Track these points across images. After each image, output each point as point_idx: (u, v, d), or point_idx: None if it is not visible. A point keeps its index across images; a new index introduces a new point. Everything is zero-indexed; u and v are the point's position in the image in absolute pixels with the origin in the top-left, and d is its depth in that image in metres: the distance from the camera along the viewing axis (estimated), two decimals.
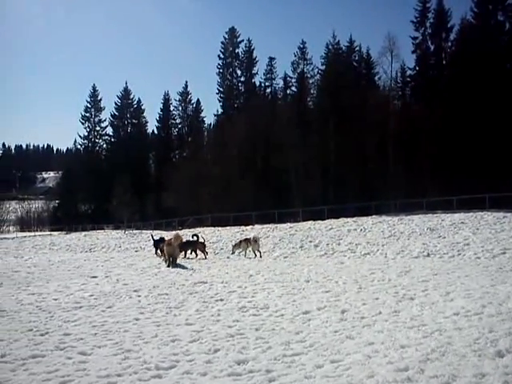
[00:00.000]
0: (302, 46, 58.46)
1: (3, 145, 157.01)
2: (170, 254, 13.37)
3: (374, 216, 24.62)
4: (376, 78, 52.53)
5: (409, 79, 50.30)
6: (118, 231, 39.20)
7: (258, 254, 15.99)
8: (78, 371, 4.48)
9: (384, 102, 46.55)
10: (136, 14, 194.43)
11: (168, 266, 12.92)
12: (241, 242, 16.76)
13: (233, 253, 16.60)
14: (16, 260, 16.98)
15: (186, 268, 12.78)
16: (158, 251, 16.29)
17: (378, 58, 48.94)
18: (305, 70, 58.26)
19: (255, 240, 16.15)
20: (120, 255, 18.88)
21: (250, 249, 16.17)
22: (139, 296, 8.45)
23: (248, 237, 17.12)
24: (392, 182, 41.52)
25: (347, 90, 45.08)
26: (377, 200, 36.12)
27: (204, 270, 12.15)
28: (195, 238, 16.29)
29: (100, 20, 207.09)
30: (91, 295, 8.64)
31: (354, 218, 23.69)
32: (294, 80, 59.57)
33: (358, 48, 54.16)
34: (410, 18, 48.24)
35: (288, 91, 61.11)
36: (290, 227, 22.83)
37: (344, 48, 54.04)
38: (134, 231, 36.67)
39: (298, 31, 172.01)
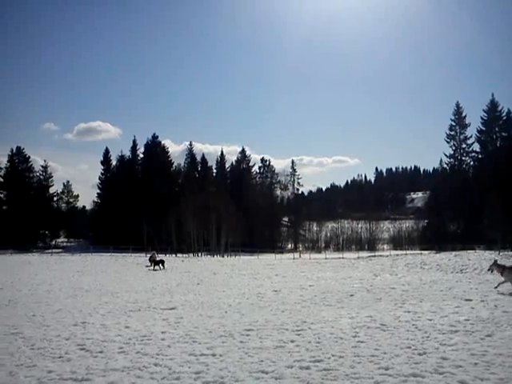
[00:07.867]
0: None
1: (376, 169, 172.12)
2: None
3: None
4: None
5: None
6: (490, 252, 36.56)
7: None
8: None
9: None
10: None
11: None
12: (504, 267, 13.35)
13: (489, 270, 14.62)
14: (391, 277, 18.06)
15: None
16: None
17: None
18: None
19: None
20: (495, 278, 17.50)
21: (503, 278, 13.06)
22: None
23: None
24: None
25: None
26: None
27: None
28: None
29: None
30: (467, 319, 8.31)
31: None
32: None
33: None
34: None
35: None
36: None
37: None
38: (510, 253, 33.40)
39: None
